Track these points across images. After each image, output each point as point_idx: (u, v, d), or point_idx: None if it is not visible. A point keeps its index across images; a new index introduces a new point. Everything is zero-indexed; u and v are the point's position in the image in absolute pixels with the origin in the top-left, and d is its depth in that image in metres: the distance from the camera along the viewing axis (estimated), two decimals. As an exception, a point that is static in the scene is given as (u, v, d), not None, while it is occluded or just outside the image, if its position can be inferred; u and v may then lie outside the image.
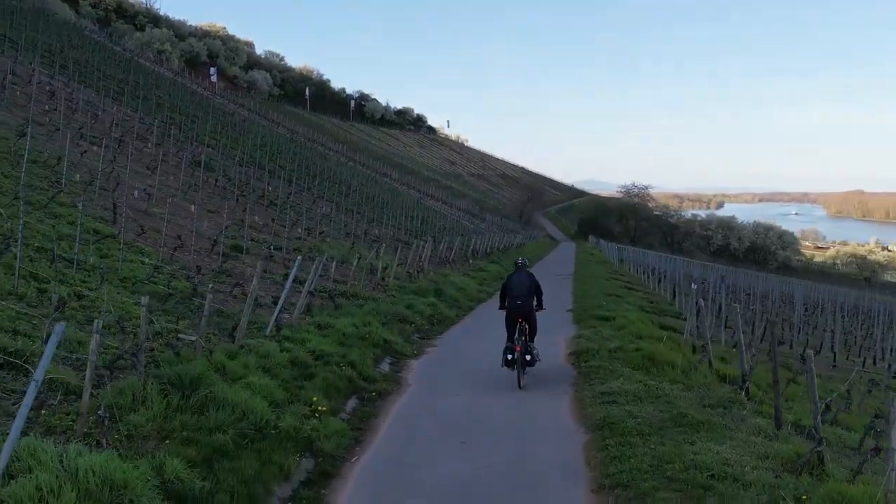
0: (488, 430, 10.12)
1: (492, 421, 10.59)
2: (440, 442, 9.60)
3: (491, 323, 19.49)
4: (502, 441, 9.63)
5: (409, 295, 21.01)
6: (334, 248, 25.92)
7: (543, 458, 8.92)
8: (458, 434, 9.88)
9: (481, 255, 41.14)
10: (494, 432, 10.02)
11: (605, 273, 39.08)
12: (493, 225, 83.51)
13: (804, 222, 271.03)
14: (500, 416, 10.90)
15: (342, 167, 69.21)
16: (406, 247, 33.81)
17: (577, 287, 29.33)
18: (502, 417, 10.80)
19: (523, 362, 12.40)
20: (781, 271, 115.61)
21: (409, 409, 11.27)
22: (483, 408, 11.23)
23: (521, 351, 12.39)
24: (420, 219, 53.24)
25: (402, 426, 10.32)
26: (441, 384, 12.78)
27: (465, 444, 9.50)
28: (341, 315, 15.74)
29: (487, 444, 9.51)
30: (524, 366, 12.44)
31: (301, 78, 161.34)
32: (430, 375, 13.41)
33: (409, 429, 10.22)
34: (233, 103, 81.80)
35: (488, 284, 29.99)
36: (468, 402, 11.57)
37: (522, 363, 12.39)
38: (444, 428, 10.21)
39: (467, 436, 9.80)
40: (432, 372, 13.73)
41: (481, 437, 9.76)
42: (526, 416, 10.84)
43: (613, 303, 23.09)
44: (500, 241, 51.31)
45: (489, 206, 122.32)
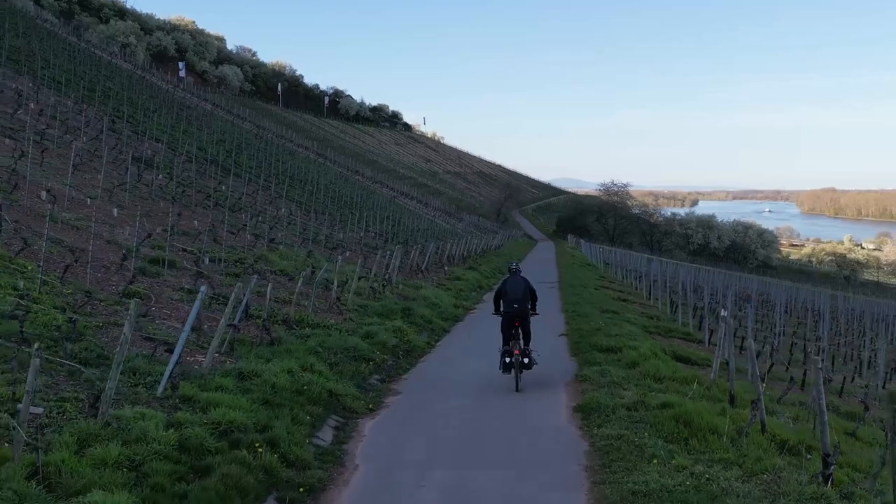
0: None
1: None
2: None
3: (472, 351, 15.86)
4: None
5: (370, 318, 17.29)
6: (286, 259, 22.12)
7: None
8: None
9: (458, 260, 37.51)
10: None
11: (593, 280, 35.61)
12: (470, 225, 79.91)
13: (778, 220, 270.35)
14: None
15: (311, 165, 65.20)
16: (374, 254, 30.11)
17: (567, 300, 25.76)
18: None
19: (521, 365, 12.41)
20: (761, 270, 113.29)
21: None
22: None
23: (519, 354, 12.40)
24: (392, 220, 49.48)
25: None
26: (403, 460, 9.10)
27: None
28: (276, 355, 11.97)
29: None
30: (522, 369, 12.45)
31: (273, 74, 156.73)
32: (388, 445, 9.68)
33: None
34: (196, 97, 77.40)
35: (466, 296, 26.33)
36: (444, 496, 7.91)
37: (520, 366, 12.41)
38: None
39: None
40: (390, 438, 10.01)
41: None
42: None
43: (612, 322, 19.55)
44: (478, 243, 47.70)
45: (466, 204, 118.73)
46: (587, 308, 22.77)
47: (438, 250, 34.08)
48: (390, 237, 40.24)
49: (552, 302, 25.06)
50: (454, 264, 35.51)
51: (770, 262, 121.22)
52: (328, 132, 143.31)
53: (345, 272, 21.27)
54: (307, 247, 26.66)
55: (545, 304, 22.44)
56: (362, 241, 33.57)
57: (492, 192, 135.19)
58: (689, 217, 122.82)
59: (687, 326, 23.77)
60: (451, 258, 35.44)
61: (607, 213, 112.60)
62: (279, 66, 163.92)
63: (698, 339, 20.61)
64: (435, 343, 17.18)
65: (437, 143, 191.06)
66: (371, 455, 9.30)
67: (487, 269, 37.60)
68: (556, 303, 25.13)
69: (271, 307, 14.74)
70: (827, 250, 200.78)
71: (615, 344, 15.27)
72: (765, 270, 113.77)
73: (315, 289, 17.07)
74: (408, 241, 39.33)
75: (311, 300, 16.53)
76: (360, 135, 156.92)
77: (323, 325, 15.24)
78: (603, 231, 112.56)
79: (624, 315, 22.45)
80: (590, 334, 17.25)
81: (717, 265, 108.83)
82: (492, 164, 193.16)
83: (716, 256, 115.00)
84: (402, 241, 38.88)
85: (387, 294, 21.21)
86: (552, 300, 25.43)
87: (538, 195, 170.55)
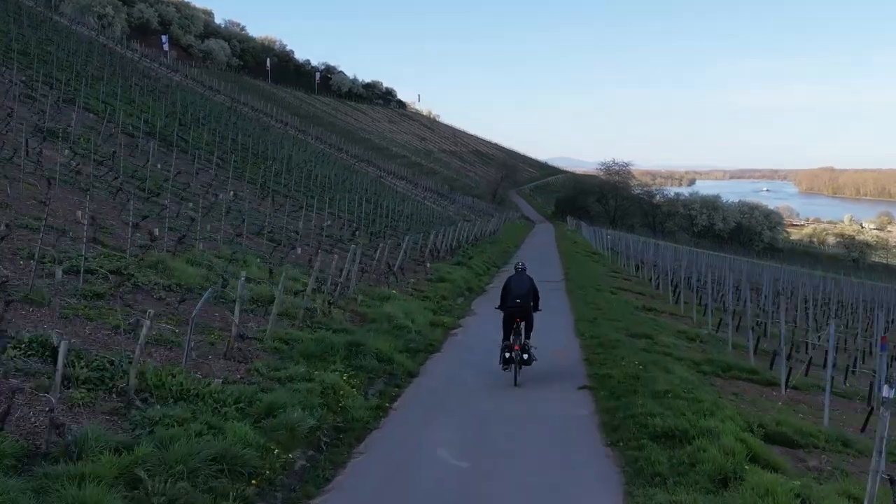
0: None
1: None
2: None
3: (452, 421, 9.74)
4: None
5: (290, 367, 11.07)
6: (197, 265, 15.88)
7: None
8: None
9: (445, 252, 31.32)
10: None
11: (604, 276, 29.48)
12: (463, 207, 73.63)
13: (776, 199, 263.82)
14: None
15: (287, 141, 58.73)
16: (338, 249, 23.91)
17: (580, 313, 19.61)
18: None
19: (521, 361, 12.34)
20: (768, 253, 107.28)
21: None
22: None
23: (520, 350, 12.33)
24: (374, 203, 43.23)
25: None
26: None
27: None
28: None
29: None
30: (521, 364, 12.38)
31: (262, 49, 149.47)
32: None
33: None
34: (166, 68, 70.69)
35: (449, 306, 20.18)
36: None
37: (520, 362, 12.35)
38: None
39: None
40: None
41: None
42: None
43: (651, 359, 13.44)
44: (471, 230, 41.48)
45: (460, 184, 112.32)
46: (610, 330, 16.61)
47: (419, 243, 27.90)
48: (369, 223, 33.99)
49: (560, 315, 18.91)
50: (440, 258, 29.34)
51: (776, 244, 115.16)
52: (318, 109, 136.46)
53: (284, 281, 15.20)
54: (248, 244, 20.43)
55: (551, 319, 16.37)
56: (328, 231, 27.36)
57: (488, 171, 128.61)
58: (692, 197, 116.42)
59: (743, 353, 17.72)
60: (435, 251, 29.23)
61: (608, 194, 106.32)
62: (269, 41, 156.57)
63: (770, 382, 14.48)
64: (389, 406, 11.01)
65: (433, 120, 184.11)
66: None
67: (480, 263, 31.43)
68: (565, 317, 18.98)
69: (112, 361, 8.60)
70: (829, 230, 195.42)
71: (676, 424, 9.09)
72: (773, 253, 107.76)
73: (230, 316, 10.91)
74: (385, 231, 33.11)
75: (189, 339, 10.24)
76: (352, 112, 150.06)
77: (194, 393, 9.04)
78: (604, 212, 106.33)
79: (660, 340, 16.33)
80: (627, 391, 11.09)
81: (723, 248, 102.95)
82: (488, 143, 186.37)
83: (720, 238, 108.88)
84: (379, 231, 32.64)
85: (334, 315, 15.01)
86: (560, 312, 19.26)
87: (535, 174, 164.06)
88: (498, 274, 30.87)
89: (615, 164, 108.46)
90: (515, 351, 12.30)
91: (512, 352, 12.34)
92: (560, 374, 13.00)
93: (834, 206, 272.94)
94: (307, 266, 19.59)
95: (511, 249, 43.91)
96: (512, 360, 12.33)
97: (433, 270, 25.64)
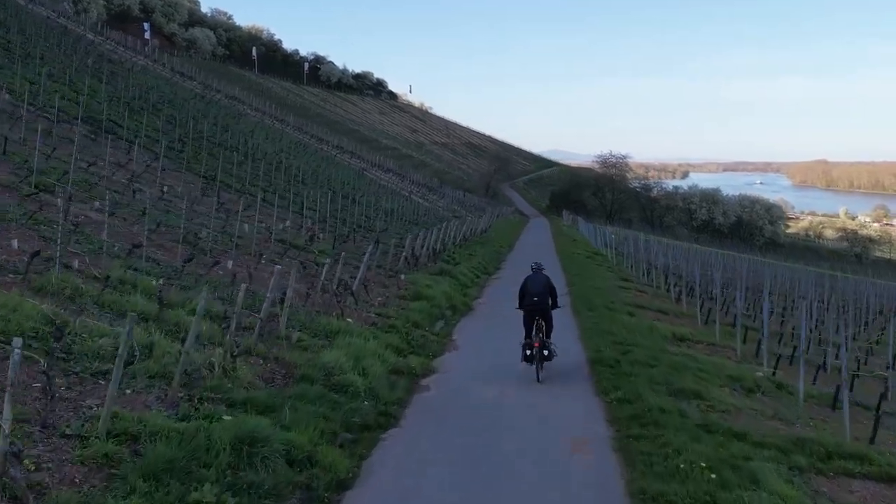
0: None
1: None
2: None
3: None
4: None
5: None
6: (50, 297, 10.79)
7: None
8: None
9: (427, 256, 26.27)
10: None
11: (614, 285, 24.45)
12: (454, 201, 68.53)
13: (769, 192, 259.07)
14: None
15: (263, 130, 53.48)
16: (300, 261, 18.92)
17: (592, 346, 14.59)
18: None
19: (541, 357, 12.41)
20: (770, 248, 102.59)
21: None
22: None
23: (540, 346, 12.40)
24: (351, 199, 38.16)
25: None
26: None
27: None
28: None
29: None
30: (542, 360, 12.45)
31: (249, 38, 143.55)
32: None
33: None
34: (132, 51, 65.22)
35: (421, 338, 15.07)
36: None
37: (541, 358, 12.40)
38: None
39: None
40: None
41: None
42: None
43: (726, 458, 8.47)
44: (459, 228, 36.45)
45: (452, 177, 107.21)
46: (643, 384, 11.55)
47: (391, 251, 22.87)
48: (336, 225, 28.89)
49: (571, 355, 13.92)
50: (419, 266, 24.31)
51: (778, 238, 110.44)
52: (306, 100, 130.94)
53: (163, 317, 10.21)
54: (160, 257, 15.31)
55: (558, 364, 11.40)
56: (282, 235, 22.31)
57: (481, 163, 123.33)
58: (692, 191, 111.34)
59: (817, 408, 12.80)
60: (412, 259, 24.16)
61: (605, 187, 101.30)
62: (256, 31, 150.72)
63: (892, 475, 9.48)
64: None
65: (425, 112, 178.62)
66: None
67: (467, 270, 26.42)
68: (576, 359, 13.96)
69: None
70: (825, 223, 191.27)
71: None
72: (775, 249, 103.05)
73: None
74: (355, 233, 28.03)
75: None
76: (341, 103, 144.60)
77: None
78: (600, 206, 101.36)
79: (715, 398, 11.36)
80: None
81: (723, 243, 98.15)
82: (481, 135, 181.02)
83: (720, 233, 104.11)
84: (348, 233, 27.60)
85: (240, 374, 9.97)
86: (570, 350, 14.25)
87: (529, 167, 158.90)
88: (489, 283, 25.84)
89: (612, 156, 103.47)
90: (535, 348, 12.39)
91: (532, 349, 12.45)
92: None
93: (828, 198, 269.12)
94: (236, 287, 14.57)
95: (504, 250, 38.91)
96: (533, 356, 12.42)
97: (409, 283, 20.62)
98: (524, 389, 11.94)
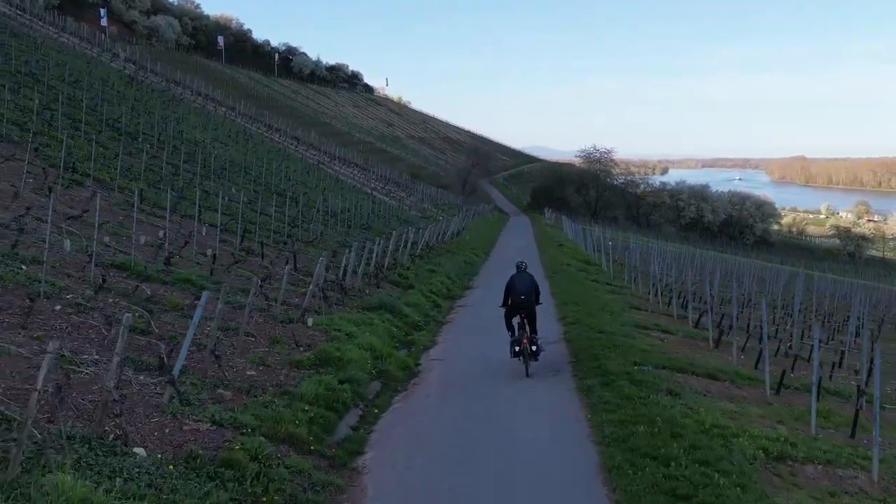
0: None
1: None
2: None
3: None
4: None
5: None
6: None
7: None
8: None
9: (369, 278, 18.68)
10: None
11: (631, 328, 16.94)
12: (425, 198, 60.84)
13: (749, 188, 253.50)
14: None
15: (202, 118, 45.43)
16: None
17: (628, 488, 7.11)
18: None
19: (529, 353, 12.27)
20: (760, 247, 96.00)
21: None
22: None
23: (528, 343, 12.27)
24: (288, 197, 30.44)
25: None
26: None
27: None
28: None
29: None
30: (530, 356, 12.28)
31: (217, 27, 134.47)
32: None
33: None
34: (67, 34, 56.85)
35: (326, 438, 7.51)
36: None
37: (529, 354, 12.26)
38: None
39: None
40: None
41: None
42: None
43: None
44: (422, 233, 28.89)
45: (427, 174, 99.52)
46: None
47: (324, 267, 15.32)
48: (245, 236, 21.10)
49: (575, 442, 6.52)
50: (351, 295, 16.70)
51: (768, 236, 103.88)
52: (275, 91, 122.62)
53: None
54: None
55: None
56: (140, 251, 14.59)
57: (459, 159, 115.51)
58: (679, 187, 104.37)
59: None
60: (338, 287, 16.50)
61: (589, 184, 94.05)
62: (224, 20, 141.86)
63: None
64: None
65: (402, 106, 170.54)
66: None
67: (424, 296, 18.82)
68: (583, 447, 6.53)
69: None
70: (808, 220, 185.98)
71: None
72: (767, 248, 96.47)
73: None
74: (263, 246, 20.18)
75: None
76: (313, 95, 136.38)
77: None
78: (584, 203, 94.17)
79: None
80: None
81: (713, 242, 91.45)
82: (460, 130, 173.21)
83: (710, 232, 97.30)
84: (256, 247, 19.84)
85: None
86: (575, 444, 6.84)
87: (509, 163, 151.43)
88: (453, 315, 18.35)
89: (596, 150, 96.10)
90: (524, 344, 12.25)
91: (521, 345, 12.30)
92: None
93: (807, 194, 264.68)
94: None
95: (478, 259, 31.47)
96: (522, 352, 12.26)
97: (323, 330, 13.05)
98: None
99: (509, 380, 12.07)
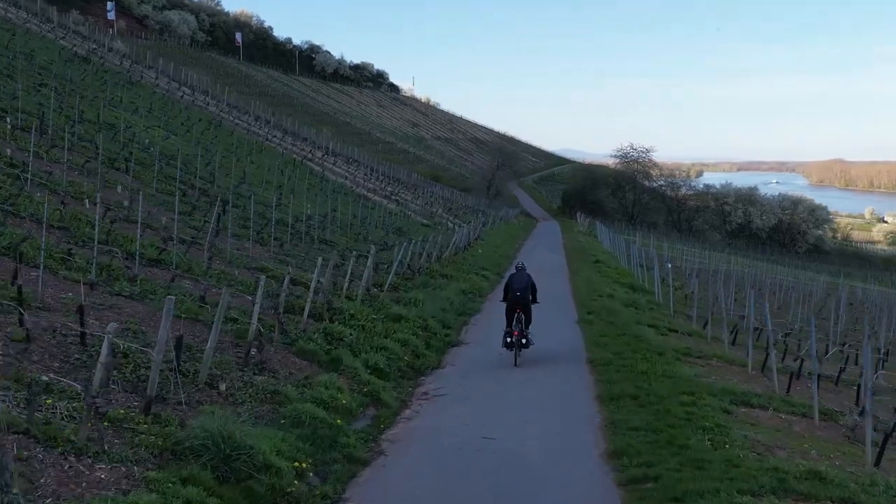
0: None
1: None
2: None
3: None
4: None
5: None
6: None
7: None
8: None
9: (296, 335, 9.98)
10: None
11: (728, 427, 7.97)
12: (438, 201, 51.86)
13: (787, 192, 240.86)
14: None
15: (172, 108, 37.09)
16: None
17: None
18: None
19: (520, 345, 13.37)
20: (813, 255, 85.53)
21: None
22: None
23: (519, 336, 13.37)
24: (233, 201, 21.82)
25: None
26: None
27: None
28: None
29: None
30: (521, 348, 13.40)
31: (236, 24, 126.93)
32: None
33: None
34: (26, 12, 49.07)
35: None
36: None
37: (519, 345, 13.37)
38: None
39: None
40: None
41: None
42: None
43: None
44: (414, 248, 20.09)
45: (450, 175, 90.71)
46: None
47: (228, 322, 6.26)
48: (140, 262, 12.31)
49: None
50: (295, 349, 7.94)
51: (822, 244, 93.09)
52: (294, 89, 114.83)
53: None
54: None
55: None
56: None
57: (486, 160, 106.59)
58: (725, 189, 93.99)
59: None
60: (271, 341, 7.66)
61: (626, 186, 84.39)
62: (244, 17, 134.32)
63: None
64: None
65: (429, 106, 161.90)
66: None
67: (390, 362, 10.02)
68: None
69: None
70: (853, 225, 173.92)
71: None
72: (820, 256, 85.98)
73: None
74: (140, 283, 11.35)
75: None
76: (335, 94, 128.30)
77: None
78: (619, 208, 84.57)
79: None
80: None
81: (763, 249, 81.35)
82: (488, 130, 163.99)
83: (758, 238, 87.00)
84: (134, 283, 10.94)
85: None
86: None
87: (540, 165, 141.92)
88: (414, 421, 9.49)
89: (633, 149, 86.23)
90: (515, 336, 13.33)
91: (512, 337, 13.36)
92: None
93: (847, 198, 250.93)
94: None
95: (486, 284, 22.64)
96: (513, 343, 13.35)
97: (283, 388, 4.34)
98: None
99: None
